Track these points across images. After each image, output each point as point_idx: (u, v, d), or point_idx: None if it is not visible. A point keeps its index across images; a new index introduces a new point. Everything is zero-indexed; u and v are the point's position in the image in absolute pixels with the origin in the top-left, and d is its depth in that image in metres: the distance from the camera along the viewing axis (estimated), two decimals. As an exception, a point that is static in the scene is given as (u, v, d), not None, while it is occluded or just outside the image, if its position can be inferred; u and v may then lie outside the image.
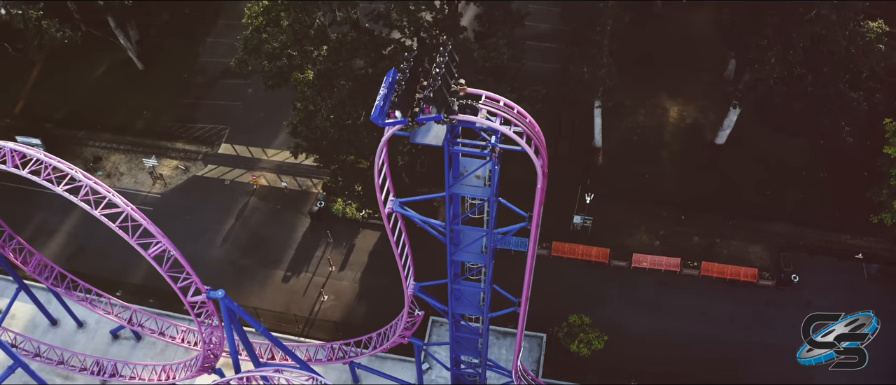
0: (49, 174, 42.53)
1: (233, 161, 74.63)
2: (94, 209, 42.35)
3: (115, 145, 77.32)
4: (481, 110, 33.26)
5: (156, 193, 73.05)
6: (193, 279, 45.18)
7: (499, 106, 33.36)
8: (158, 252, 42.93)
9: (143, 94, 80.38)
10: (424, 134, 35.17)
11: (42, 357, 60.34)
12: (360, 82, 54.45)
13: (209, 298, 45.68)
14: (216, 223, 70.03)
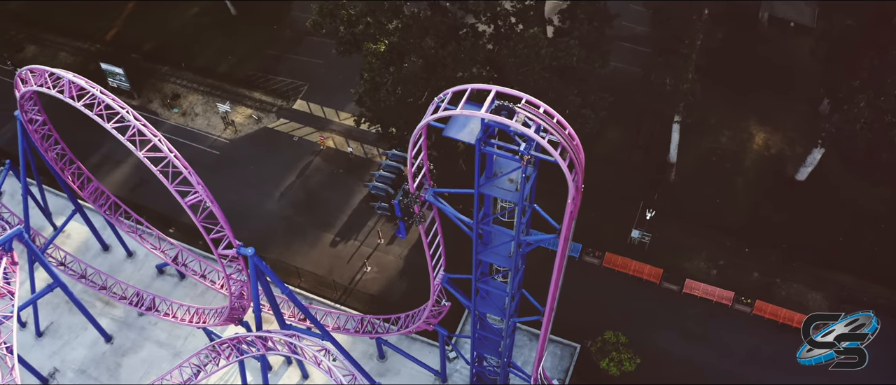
0: (101, 110, 43.19)
1: (305, 118, 75.00)
2: (139, 150, 42.85)
3: (195, 85, 78.70)
4: (518, 114, 32.20)
5: (225, 139, 74.00)
6: (226, 232, 45.11)
7: (537, 112, 32.21)
8: (195, 201, 42.92)
9: (230, 40, 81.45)
10: (459, 128, 34.48)
11: (87, 279, 61.99)
12: (429, 62, 53.65)
13: (239, 254, 45.59)
14: (277, 177, 70.60)
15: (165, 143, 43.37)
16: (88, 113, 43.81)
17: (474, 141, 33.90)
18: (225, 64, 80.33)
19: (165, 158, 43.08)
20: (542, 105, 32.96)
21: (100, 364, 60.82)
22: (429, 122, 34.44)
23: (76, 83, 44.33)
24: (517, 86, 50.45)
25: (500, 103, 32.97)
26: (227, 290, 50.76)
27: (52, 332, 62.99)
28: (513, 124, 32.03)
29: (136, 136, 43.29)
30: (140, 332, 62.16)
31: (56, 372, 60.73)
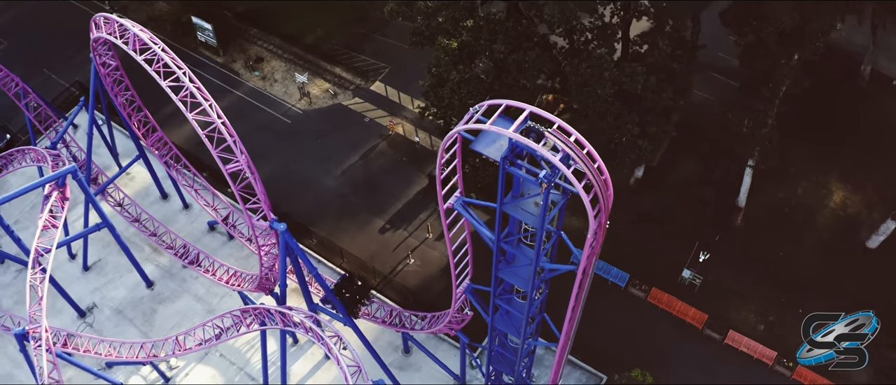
0: (159, 67, 43.80)
1: (380, 101, 75.19)
2: (189, 111, 43.27)
3: (279, 52, 79.66)
4: (547, 139, 31.37)
5: (299, 109, 74.76)
6: (263, 206, 45.42)
7: (567, 140, 31.28)
8: (235, 169, 43.23)
9: (321, 12, 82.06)
10: (488, 143, 33.89)
11: (140, 224, 63.53)
12: (497, 66, 52.87)
13: (272, 228, 45.81)
14: (341, 155, 71.05)
15: (216, 110, 43.92)
16: (147, 67, 44.63)
17: (499, 158, 33.17)
18: (312, 36, 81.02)
19: (213, 124, 43.23)
20: (574, 133, 32.07)
21: (136, 307, 62.39)
22: (460, 131, 33.97)
23: (140, 37, 45.11)
24: (578, 105, 49.47)
25: (531, 125, 32.20)
26: (259, 260, 51.10)
27: (99, 269, 64.87)
28: (538, 148, 31.26)
29: (187, 98, 43.66)
30: (180, 283, 63.43)
31: (94, 307, 62.52)
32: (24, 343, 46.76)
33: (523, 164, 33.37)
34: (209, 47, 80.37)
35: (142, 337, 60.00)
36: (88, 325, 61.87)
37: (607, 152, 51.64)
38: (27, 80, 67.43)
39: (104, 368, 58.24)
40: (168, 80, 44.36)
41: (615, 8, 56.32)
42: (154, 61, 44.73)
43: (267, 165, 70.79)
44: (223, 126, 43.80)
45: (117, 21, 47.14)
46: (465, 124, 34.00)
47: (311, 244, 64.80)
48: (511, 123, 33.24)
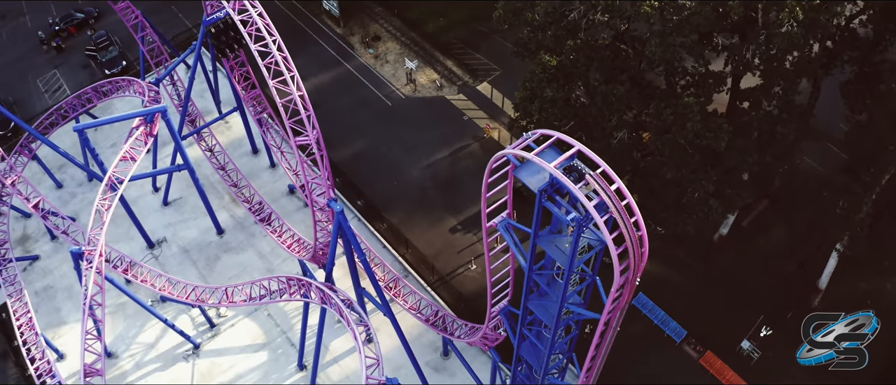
0: (251, 29, 44.98)
1: (483, 102, 75.30)
2: (271, 79, 44.32)
3: (398, 34, 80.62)
4: (588, 182, 30.92)
5: (402, 93, 75.62)
6: (324, 183, 46.15)
7: (607, 187, 30.79)
8: (304, 143, 44.06)
9: (448, 4, 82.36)
10: (531, 172, 33.73)
11: (225, 172, 65.74)
12: (588, 93, 52.09)
13: (329, 206, 46.55)
14: (431, 146, 71.55)
15: (297, 81, 44.76)
16: (241, 28, 45.78)
17: (537, 190, 32.86)
18: (433, 25, 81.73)
19: (291, 96, 44.11)
20: (617, 182, 31.57)
21: (202, 250, 64.61)
22: (508, 154, 33.85)
23: (241, 0, 46.30)
24: (655, 149, 48.24)
25: (576, 164, 31.80)
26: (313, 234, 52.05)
27: (177, 206, 67.51)
28: (574, 189, 30.92)
29: (272, 65, 44.65)
30: (249, 237, 65.25)
31: (164, 241, 64.96)
32: (79, 261, 48.80)
33: (562, 202, 32.94)
34: (331, 16, 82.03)
35: (200, 280, 62.15)
36: (154, 257, 64.44)
37: (678, 204, 50.30)
38: (152, 15, 70.37)
39: (155, 302, 60.40)
40: (258, 43, 45.32)
41: (730, 58, 54.56)
42: (249, 23, 45.83)
43: (358, 142, 72.18)
44: (300, 99, 44.52)
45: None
46: (513, 148, 33.85)
47: (382, 228, 65.57)
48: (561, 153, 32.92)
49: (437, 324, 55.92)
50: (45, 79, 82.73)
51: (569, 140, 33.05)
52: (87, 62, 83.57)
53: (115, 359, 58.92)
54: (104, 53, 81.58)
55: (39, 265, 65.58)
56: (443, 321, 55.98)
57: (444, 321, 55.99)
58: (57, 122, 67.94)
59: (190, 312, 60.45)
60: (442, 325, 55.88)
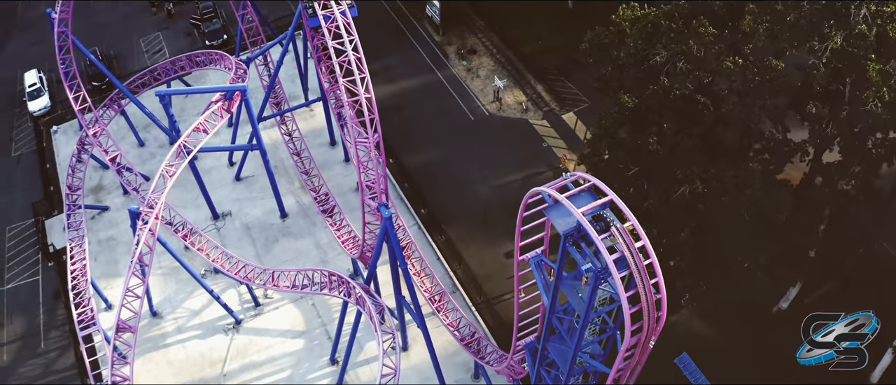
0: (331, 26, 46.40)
1: (565, 132, 75.29)
2: (342, 77, 45.43)
3: (494, 51, 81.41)
4: (614, 234, 31.00)
5: (486, 110, 76.24)
6: (376, 186, 46.98)
7: (632, 244, 30.81)
8: (363, 143, 45.05)
9: (550, 28, 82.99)
10: (559, 214, 33.94)
11: (299, 158, 68.27)
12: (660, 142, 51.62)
13: (379, 210, 47.36)
14: (504, 168, 71.98)
15: (366, 84, 45.83)
16: (322, 23, 46.99)
17: (562, 232, 33.02)
18: (530, 47, 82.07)
19: (358, 97, 45.11)
20: (644, 240, 31.58)
21: (263, 231, 66.65)
22: (541, 191, 34.13)
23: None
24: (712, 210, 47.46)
25: (605, 214, 31.91)
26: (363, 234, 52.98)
27: (248, 183, 69.68)
28: (596, 239, 31.05)
29: (345, 63, 45.73)
30: (310, 226, 66.81)
31: (228, 215, 67.07)
32: (135, 220, 50.81)
33: (587, 250, 32.98)
34: (432, 23, 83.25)
35: (255, 259, 63.96)
36: (217, 228, 66.68)
37: (726, 271, 49.39)
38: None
39: (208, 272, 62.39)
40: (335, 40, 46.45)
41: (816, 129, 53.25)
42: (330, 19, 47.02)
43: (434, 151, 73.10)
44: (366, 101, 45.43)
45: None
46: (549, 186, 34.10)
47: (439, 240, 66.23)
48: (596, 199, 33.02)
49: (471, 345, 56.17)
50: (148, 39, 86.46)
51: (604, 188, 33.14)
52: (191, 31, 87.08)
53: (159, 318, 61.36)
54: (207, 25, 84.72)
55: (107, 216, 68.63)
56: (477, 343, 56.20)
57: (479, 344, 56.19)
58: (149, 82, 70.90)
59: (238, 288, 62.24)
60: (476, 347, 56.09)
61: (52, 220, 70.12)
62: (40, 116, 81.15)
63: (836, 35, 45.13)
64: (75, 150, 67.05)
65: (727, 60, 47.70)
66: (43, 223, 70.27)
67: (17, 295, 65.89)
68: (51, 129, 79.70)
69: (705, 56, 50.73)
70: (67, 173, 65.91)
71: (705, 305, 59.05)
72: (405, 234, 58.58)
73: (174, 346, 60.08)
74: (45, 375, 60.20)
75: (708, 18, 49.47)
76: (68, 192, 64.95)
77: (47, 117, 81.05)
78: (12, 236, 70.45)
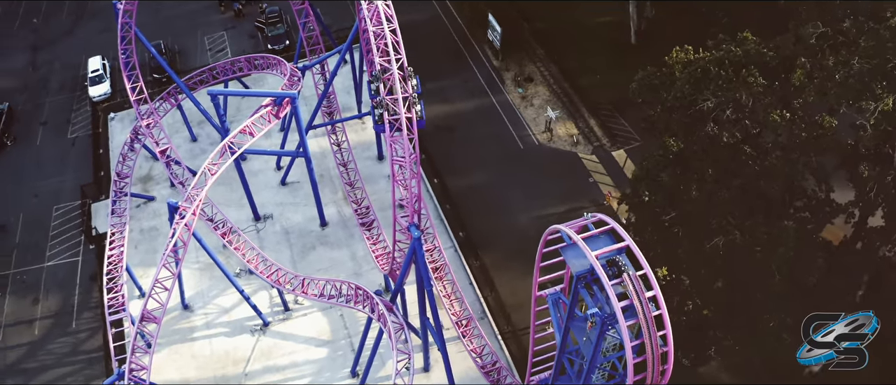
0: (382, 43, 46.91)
1: (613, 169, 75.22)
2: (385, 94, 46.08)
3: (550, 81, 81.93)
4: (625, 281, 31.25)
5: (536, 139, 76.59)
6: (408, 208, 47.56)
7: (643, 294, 31.03)
8: (400, 163, 45.77)
9: (610, 62, 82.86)
10: (574, 254, 34.19)
11: (345, 169, 70.11)
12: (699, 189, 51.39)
13: (409, 230, 47.97)
14: (548, 199, 72.12)
15: (408, 103, 46.41)
16: (372, 39, 47.81)
17: (575, 273, 33.31)
18: (588, 80, 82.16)
19: (399, 117, 45.83)
20: (656, 290, 31.64)
21: (301, 237, 67.99)
22: (560, 229, 34.44)
23: (379, 8, 48.34)
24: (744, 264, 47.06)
25: (619, 259, 32.12)
26: (392, 251, 53.63)
27: (292, 189, 71.19)
28: (606, 284, 31.24)
29: (389, 80, 46.50)
30: (348, 237, 67.85)
31: (269, 218, 68.42)
32: (173, 214, 52.14)
33: (600, 295, 33.15)
34: (492, 47, 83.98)
35: (289, 265, 65.12)
36: (256, 230, 67.96)
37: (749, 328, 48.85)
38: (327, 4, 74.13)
39: (243, 272, 63.60)
40: (382, 57, 47.25)
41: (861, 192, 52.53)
42: (379, 36, 47.82)
43: (479, 175, 73.58)
44: (406, 120, 46.08)
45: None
46: (568, 225, 34.37)
47: (474, 265, 66.53)
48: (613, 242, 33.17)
49: (490, 373, 56.42)
50: (212, 37, 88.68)
51: (621, 233, 33.32)
52: (255, 33, 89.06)
53: (189, 312, 62.85)
54: (271, 29, 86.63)
55: (152, 206, 70.56)
56: (498, 372, 56.43)
57: (499, 373, 56.42)
58: (207, 80, 72.84)
59: (270, 291, 63.32)
60: (495, 376, 56.33)
61: (98, 205, 72.32)
62: (100, 102, 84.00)
63: (888, 97, 44.65)
64: (129, 138, 69.24)
65: (774, 113, 47.42)
66: (89, 206, 72.54)
67: (56, 273, 68.22)
68: (108, 115, 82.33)
69: (754, 107, 50.51)
70: (118, 160, 68.00)
71: (734, 359, 58.32)
72: (440, 256, 59.11)
73: (201, 340, 61.40)
74: (72, 354, 62.14)
75: (759, 69, 49.30)
76: (116, 179, 66.90)
77: (106, 103, 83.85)
78: (59, 215, 72.94)
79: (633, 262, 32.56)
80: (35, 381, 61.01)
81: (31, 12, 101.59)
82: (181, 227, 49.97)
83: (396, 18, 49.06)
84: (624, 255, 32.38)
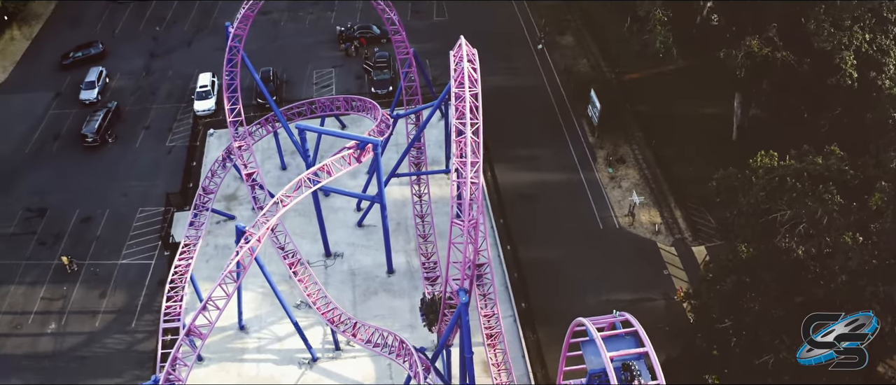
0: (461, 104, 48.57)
1: (690, 265, 74.92)
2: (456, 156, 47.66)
3: (642, 165, 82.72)
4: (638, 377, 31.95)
5: (617, 222, 77.23)
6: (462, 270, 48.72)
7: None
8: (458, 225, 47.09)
9: (706, 155, 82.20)
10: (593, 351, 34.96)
11: (422, 220, 73.03)
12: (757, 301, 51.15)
13: (458, 294, 49.10)
14: (618, 284, 72.19)
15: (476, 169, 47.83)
16: (454, 100, 49.51)
17: (590, 370, 34.04)
18: (682, 170, 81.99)
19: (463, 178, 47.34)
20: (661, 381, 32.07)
21: (366, 281, 71.18)
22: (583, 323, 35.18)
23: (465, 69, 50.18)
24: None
25: (632, 364, 32.77)
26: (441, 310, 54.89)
27: (368, 232, 75.38)
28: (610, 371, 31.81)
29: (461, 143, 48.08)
30: (411, 289, 70.25)
31: (339, 257, 72.01)
32: (239, 237, 54.71)
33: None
34: (590, 123, 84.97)
35: (349, 306, 67.22)
36: (325, 265, 70.27)
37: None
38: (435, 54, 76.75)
39: (303, 303, 65.87)
40: (459, 119, 48.92)
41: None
42: (460, 99, 49.56)
43: (552, 249, 74.24)
44: (471, 185, 47.53)
45: (469, 49, 52.76)
46: (592, 321, 35.08)
47: (530, 339, 67.16)
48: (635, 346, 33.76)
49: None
50: (321, 72, 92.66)
51: (643, 338, 33.87)
52: (362, 74, 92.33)
53: (244, 333, 65.81)
54: (378, 73, 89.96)
55: (231, 225, 73.87)
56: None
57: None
58: (305, 113, 76.22)
59: (325, 327, 65.22)
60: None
61: (180, 214, 76.19)
62: (202, 117, 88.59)
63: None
64: (221, 156, 72.83)
65: (847, 235, 47.07)
66: (172, 214, 76.62)
67: (127, 271, 72.61)
68: (208, 130, 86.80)
69: (828, 224, 50.14)
70: (206, 175, 71.61)
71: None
72: (497, 323, 59.87)
73: (249, 362, 63.89)
74: (126, 352, 66.01)
75: (838, 186, 49.08)
76: (201, 193, 70.45)
77: (209, 119, 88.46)
78: (142, 217, 77.57)
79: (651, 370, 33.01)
80: (85, 369, 64.87)
81: (155, 20, 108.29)
82: (244, 251, 52.38)
83: (507, 80, 50.73)
84: (642, 362, 32.86)
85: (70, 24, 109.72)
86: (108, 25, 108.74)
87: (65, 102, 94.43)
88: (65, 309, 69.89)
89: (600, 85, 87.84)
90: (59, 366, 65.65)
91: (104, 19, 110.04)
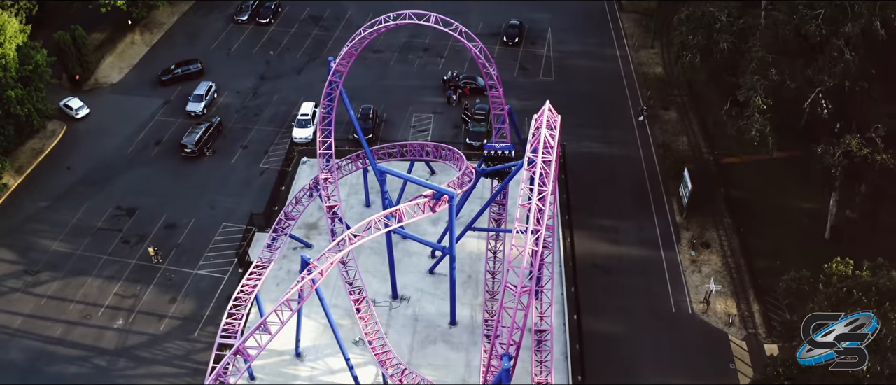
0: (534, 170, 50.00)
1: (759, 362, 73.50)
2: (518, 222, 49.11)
3: (726, 252, 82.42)
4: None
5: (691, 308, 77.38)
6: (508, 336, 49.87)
7: None
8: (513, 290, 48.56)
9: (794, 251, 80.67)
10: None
11: (493, 277, 73.99)
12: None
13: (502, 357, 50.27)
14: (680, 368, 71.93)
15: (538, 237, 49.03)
16: (525, 165, 51.02)
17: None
18: (766, 263, 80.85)
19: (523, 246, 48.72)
20: None
21: (427, 329, 73.12)
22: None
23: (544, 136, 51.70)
24: None
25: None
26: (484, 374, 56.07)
27: (437, 281, 76.72)
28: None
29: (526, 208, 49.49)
30: (471, 343, 71.90)
31: (405, 300, 74.29)
32: (303, 268, 57.20)
33: None
34: (679, 202, 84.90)
35: (407, 352, 68.88)
36: (390, 307, 72.49)
37: None
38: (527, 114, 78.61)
39: (361, 340, 67.89)
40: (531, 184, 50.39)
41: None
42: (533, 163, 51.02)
43: (619, 325, 74.74)
44: (530, 254, 48.75)
45: (553, 115, 54.38)
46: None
47: (575, 415, 67.67)
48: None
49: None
50: (421, 116, 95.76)
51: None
52: (459, 123, 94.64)
53: (299, 360, 68.59)
54: (475, 124, 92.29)
55: (307, 252, 76.41)
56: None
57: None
58: (396, 154, 78.81)
59: (379, 368, 66.97)
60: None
61: (261, 235, 79.60)
62: (299, 144, 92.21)
63: None
64: (307, 185, 76.02)
65: None
66: (253, 234, 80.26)
67: (200, 282, 76.93)
68: (302, 158, 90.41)
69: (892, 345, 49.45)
70: (291, 202, 74.85)
71: None
72: (547, 396, 60.68)
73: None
74: (183, 359, 69.97)
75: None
76: (283, 218, 73.68)
77: (304, 147, 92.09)
78: (223, 232, 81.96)
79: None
80: (141, 368, 68.96)
81: (271, 44, 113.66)
82: (303, 282, 54.83)
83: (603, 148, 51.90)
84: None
85: (188, 38, 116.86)
86: (225, 44, 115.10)
87: (171, 111, 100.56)
88: (135, 307, 74.68)
89: (697, 165, 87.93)
90: (117, 360, 70.00)
91: (222, 38, 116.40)
